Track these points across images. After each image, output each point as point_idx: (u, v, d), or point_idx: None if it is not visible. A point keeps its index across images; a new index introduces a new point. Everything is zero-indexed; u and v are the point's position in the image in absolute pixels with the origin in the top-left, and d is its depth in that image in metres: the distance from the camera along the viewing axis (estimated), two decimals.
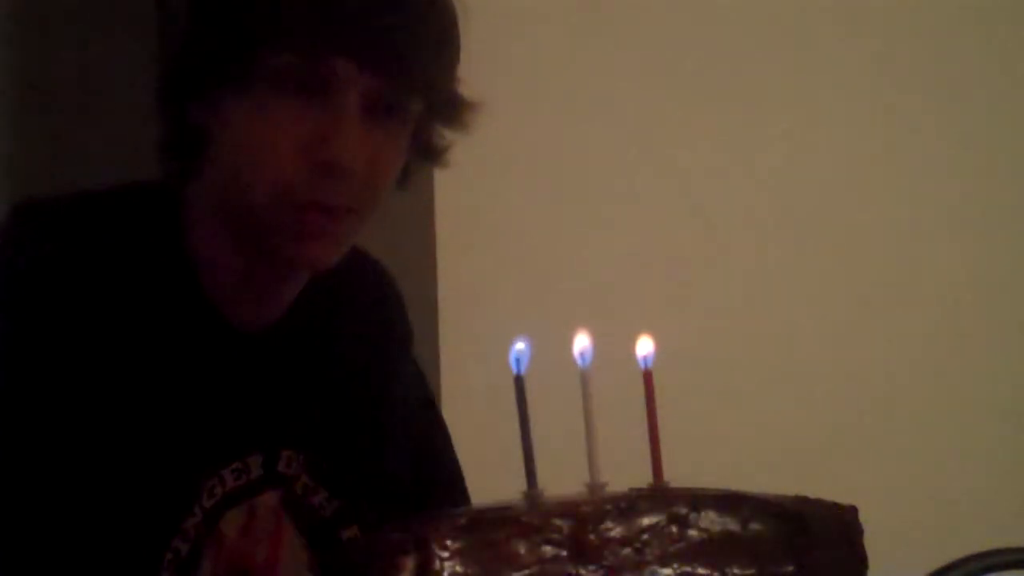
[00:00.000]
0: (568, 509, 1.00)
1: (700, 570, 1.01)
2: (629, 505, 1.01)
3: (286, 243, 1.22)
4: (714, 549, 1.02)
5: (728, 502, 1.03)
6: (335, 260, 1.24)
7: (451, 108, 1.26)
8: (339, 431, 1.33)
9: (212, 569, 1.24)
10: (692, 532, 1.02)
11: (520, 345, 1.05)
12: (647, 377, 1.08)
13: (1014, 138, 2.51)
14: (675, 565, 1.00)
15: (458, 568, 0.96)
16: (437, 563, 0.96)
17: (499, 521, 0.98)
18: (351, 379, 1.36)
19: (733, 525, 1.03)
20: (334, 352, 1.35)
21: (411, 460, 1.40)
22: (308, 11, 1.17)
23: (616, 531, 1.00)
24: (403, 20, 1.18)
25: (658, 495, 1.04)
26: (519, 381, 1.04)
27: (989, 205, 2.49)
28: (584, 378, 1.06)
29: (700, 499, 1.03)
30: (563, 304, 2.22)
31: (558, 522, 0.99)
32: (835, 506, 1.08)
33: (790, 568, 1.02)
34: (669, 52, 2.41)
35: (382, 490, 1.34)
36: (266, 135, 1.19)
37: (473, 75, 1.27)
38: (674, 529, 1.01)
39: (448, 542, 0.96)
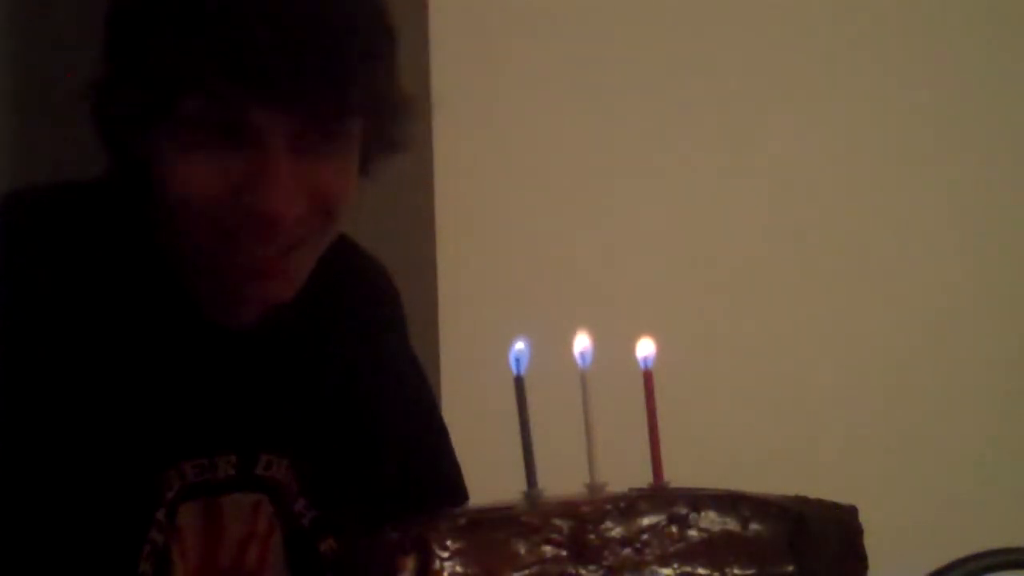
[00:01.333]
0: (568, 509, 1.00)
1: (700, 570, 1.01)
2: (629, 505, 1.01)
3: (233, 280, 1.20)
4: (714, 549, 1.02)
5: (728, 502, 1.03)
6: (292, 292, 1.22)
7: (397, 110, 1.22)
8: (326, 436, 1.31)
9: (182, 565, 1.23)
10: (692, 532, 1.02)
11: (520, 345, 1.05)
12: (647, 377, 1.08)
13: (1014, 136, 2.51)
14: (675, 565, 1.00)
15: (458, 568, 0.96)
16: (437, 563, 0.96)
17: (499, 521, 0.98)
18: (340, 379, 1.34)
19: (733, 525, 1.03)
20: (323, 351, 1.33)
21: (406, 463, 1.38)
22: (218, 58, 1.12)
23: (616, 531, 1.00)
24: (319, 54, 1.13)
25: (658, 495, 1.04)
26: (519, 381, 1.04)
27: (989, 206, 2.49)
28: (584, 378, 1.06)
29: (700, 499, 1.03)
30: (563, 304, 2.22)
31: (558, 522, 0.99)
32: (835, 506, 1.08)
33: (790, 568, 1.02)
34: (669, 52, 2.41)
35: (370, 499, 1.32)
36: (195, 181, 1.16)
37: (474, 76, 1.26)
38: (674, 529, 1.01)
39: (448, 542, 0.96)
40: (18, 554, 1.17)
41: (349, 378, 1.35)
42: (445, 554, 0.96)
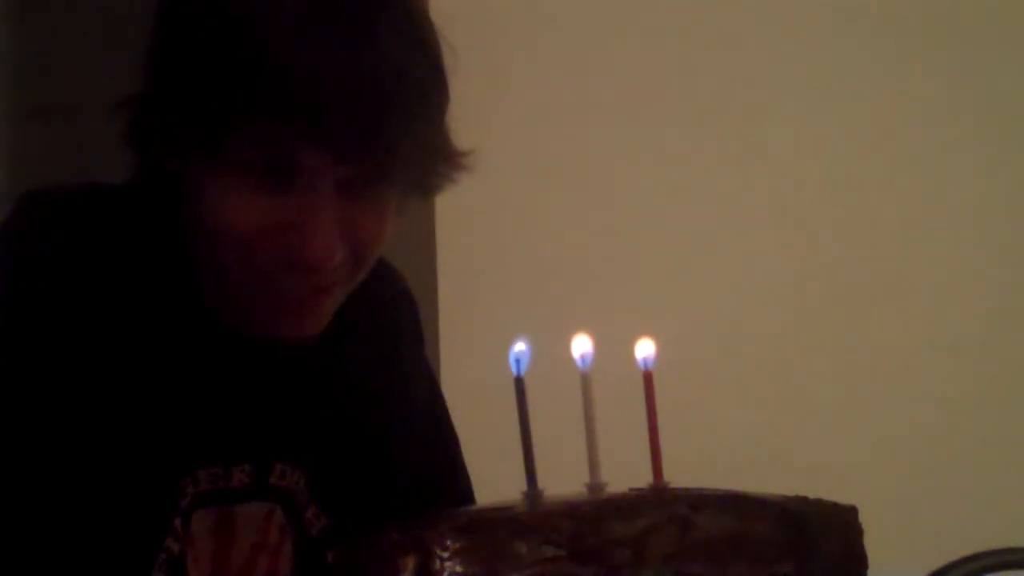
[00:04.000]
0: (568, 509, 1.00)
1: (700, 570, 1.01)
2: (629, 505, 1.01)
3: (262, 315, 1.19)
4: (714, 549, 1.02)
5: (728, 502, 1.03)
6: (319, 330, 1.21)
7: (442, 160, 1.21)
8: (341, 446, 1.30)
9: (195, 573, 1.22)
10: (692, 532, 1.02)
11: (520, 346, 1.05)
12: (647, 378, 1.08)
13: (1016, 137, 2.51)
14: (675, 565, 1.00)
15: (458, 568, 0.96)
16: (437, 563, 0.95)
17: (499, 521, 0.98)
18: (356, 390, 1.33)
19: (733, 525, 1.03)
20: (341, 362, 1.31)
21: (418, 474, 1.37)
22: (272, 102, 1.10)
23: (616, 531, 1.00)
24: (377, 103, 1.11)
25: (658, 495, 1.04)
26: (519, 382, 1.04)
27: (990, 208, 2.49)
28: (584, 379, 1.06)
29: (700, 499, 1.03)
30: (563, 305, 2.23)
31: (558, 522, 0.99)
32: (835, 506, 1.08)
33: (790, 568, 1.02)
34: (668, 55, 2.41)
35: (382, 508, 1.30)
36: (235, 220, 1.14)
37: (473, 74, 1.26)
38: (674, 529, 1.01)
39: (448, 542, 0.96)
40: (36, 562, 1.17)
41: (365, 389, 1.34)
42: (445, 554, 0.96)
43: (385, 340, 1.37)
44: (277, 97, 1.10)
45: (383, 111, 1.12)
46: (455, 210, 2.25)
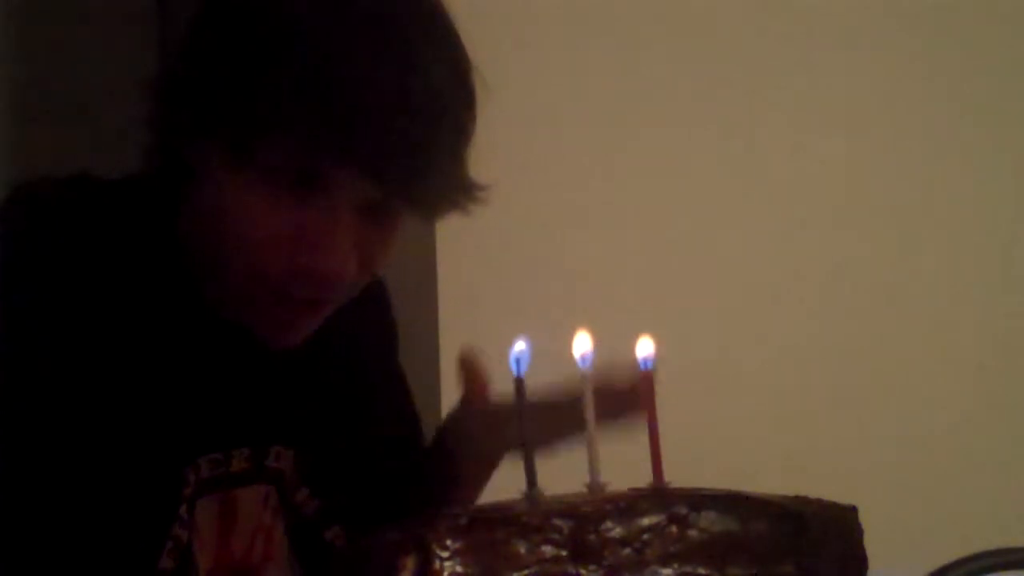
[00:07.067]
0: (568, 509, 1.00)
1: (700, 570, 1.01)
2: (629, 505, 1.01)
3: (257, 322, 1.20)
4: (714, 549, 1.01)
5: (728, 502, 1.03)
6: (303, 339, 1.23)
7: (460, 190, 1.21)
8: (327, 429, 1.32)
9: (201, 560, 1.23)
10: (692, 532, 1.02)
11: (520, 346, 1.05)
12: (647, 378, 1.08)
13: (1015, 137, 2.51)
14: (675, 565, 1.00)
15: (458, 568, 0.96)
16: (437, 563, 0.96)
17: (499, 521, 0.98)
18: (339, 382, 1.35)
19: (733, 525, 1.03)
20: (326, 357, 1.32)
21: (387, 454, 1.39)
22: (309, 113, 1.10)
23: (616, 531, 1.00)
24: (418, 127, 1.11)
25: (658, 495, 1.04)
26: (519, 382, 1.04)
27: (990, 209, 2.49)
28: (584, 379, 1.06)
29: (700, 499, 1.03)
30: (563, 305, 2.22)
31: (558, 522, 0.99)
32: (835, 506, 1.08)
33: (790, 568, 1.02)
34: (669, 54, 2.41)
35: (366, 488, 1.33)
36: (250, 223, 1.15)
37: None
38: (674, 529, 1.01)
39: (448, 542, 0.96)
40: (46, 553, 1.17)
41: (346, 381, 1.36)
42: (445, 554, 0.96)
43: (370, 337, 1.40)
44: (320, 111, 1.10)
45: (422, 136, 1.12)
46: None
